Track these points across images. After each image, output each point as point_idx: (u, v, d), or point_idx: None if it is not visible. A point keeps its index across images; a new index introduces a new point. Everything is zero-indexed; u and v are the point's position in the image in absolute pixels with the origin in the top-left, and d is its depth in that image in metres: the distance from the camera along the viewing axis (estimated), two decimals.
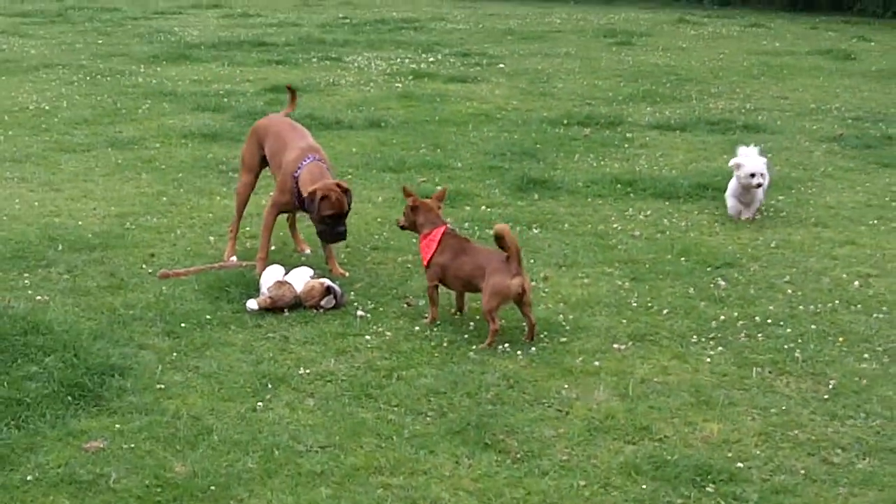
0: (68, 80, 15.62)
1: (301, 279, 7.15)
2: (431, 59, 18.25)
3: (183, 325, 6.76)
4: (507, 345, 6.57)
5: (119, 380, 5.98)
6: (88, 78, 15.86)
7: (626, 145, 12.07)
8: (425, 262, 7.01)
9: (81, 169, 10.64)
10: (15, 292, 7.25)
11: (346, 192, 7.45)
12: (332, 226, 7.44)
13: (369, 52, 19.06)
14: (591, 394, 6.01)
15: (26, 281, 7.48)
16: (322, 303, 7.07)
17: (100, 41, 20.10)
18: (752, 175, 8.99)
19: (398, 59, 18.11)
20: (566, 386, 6.09)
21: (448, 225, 7.06)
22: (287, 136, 7.87)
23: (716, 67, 17.96)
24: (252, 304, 7.02)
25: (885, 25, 25.37)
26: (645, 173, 10.73)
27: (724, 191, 9.49)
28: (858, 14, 27.14)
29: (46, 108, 13.58)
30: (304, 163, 7.56)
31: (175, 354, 6.36)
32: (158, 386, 5.96)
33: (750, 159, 9.13)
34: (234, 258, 7.97)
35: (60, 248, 8.15)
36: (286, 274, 7.24)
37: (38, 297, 7.15)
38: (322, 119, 12.84)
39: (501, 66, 17.77)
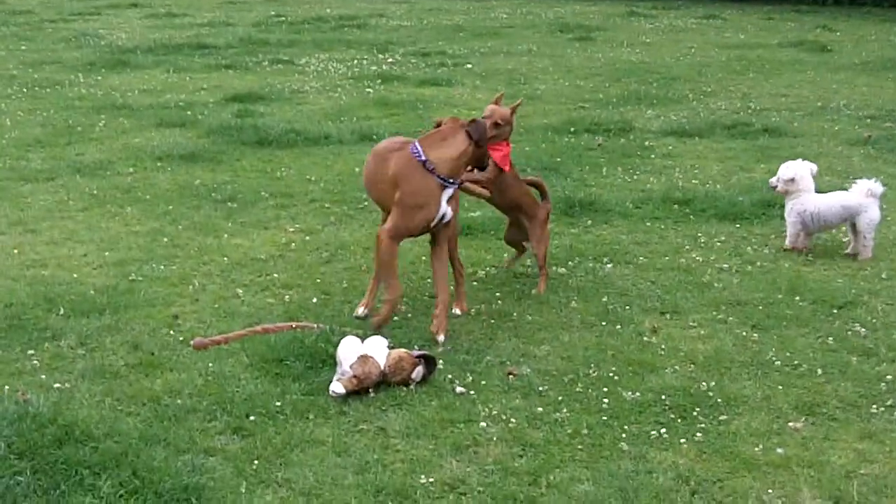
0: (2, 94, 13.90)
1: (381, 351, 5.76)
2: (391, 60, 16.93)
3: (251, 417, 5.30)
4: (662, 430, 5.27)
5: None
6: (25, 90, 14.16)
7: (652, 156, 10.87)
8: None
9: (53, 202, 9.01)
10: (25, 378, 5.68)
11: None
12: None
13: (320, 53, 17.64)
14: (798, 497, 4.74)
15: (35, 361, 5.90)
16: (413, 375, 5.71)
17: (23, 47, 18.34)
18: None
19: (354, 61, 16.73)
20: (767, 489, 4.79)
21: None
22: None
23: (694, 63, 16.95)
24: (337, 387, 5.57)
25: (836, 13, 24.76)
26: (694, 190, 9.50)
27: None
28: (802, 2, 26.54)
29: None
30: None
31: (255, 463, 4.91)
32: None
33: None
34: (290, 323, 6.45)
35: (62, 311, 6.57)
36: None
37: (57, 385, 5.59)
38: (306, 133, 11.43)
39: (469, 66, 16.50)
